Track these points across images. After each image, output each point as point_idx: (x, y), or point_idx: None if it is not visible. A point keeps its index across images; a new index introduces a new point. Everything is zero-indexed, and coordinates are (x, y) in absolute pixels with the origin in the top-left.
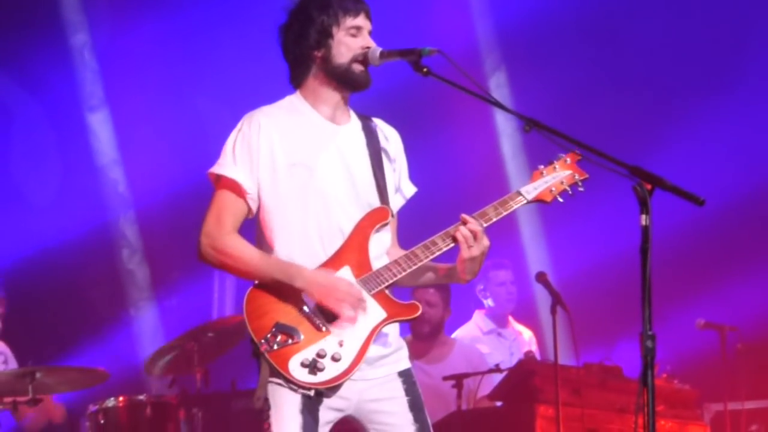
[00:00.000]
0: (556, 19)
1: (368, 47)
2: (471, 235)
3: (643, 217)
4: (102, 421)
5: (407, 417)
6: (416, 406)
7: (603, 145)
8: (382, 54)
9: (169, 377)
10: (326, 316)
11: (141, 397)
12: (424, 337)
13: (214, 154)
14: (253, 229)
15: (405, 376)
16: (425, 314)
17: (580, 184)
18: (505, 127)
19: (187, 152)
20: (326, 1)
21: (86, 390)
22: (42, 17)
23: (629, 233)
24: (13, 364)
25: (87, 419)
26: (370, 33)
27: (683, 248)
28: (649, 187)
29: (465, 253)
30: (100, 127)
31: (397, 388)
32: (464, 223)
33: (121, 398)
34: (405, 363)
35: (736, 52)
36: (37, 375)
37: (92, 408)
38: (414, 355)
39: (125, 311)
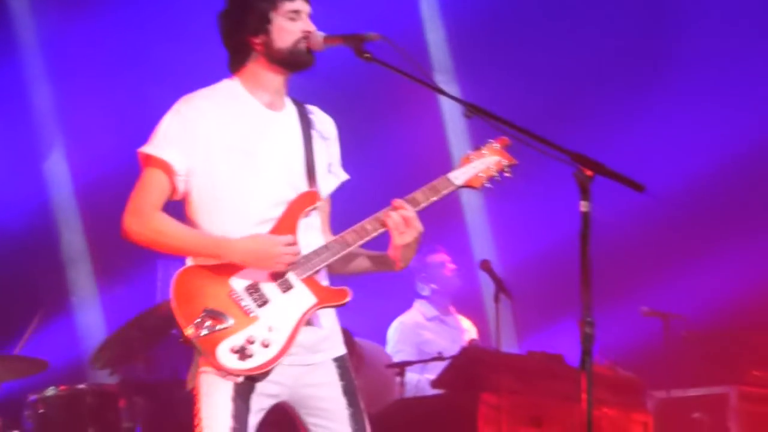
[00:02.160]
0: (500, 8)
1: (309, 31)
2: (402, 220)
3: (583, 203)
4: (42, 410)
5: (341, 401)
6: (350, 391)
7: (546, 133)
8: (325, 38)
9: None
10: (255, 301)
11: (81, 386)
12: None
13: None
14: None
15: (339, 361)
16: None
17: (507, 169)
18: (450, 113)
19: (131, 136)
20: None
21: (26, 379)
22: None
23: (572, 220)
24: None
25: (27, 408)
26: (310, 16)
27: (629, 236)
28: (589, 173)
29: (397, 239)
30: (44, 110)
31: (332, 373)
32: (395, 208)
33: (61, 387)
34: (340, 349)
35: (672, 43)
36: None
37: (32, 397)
38: None
39: (67, 299)
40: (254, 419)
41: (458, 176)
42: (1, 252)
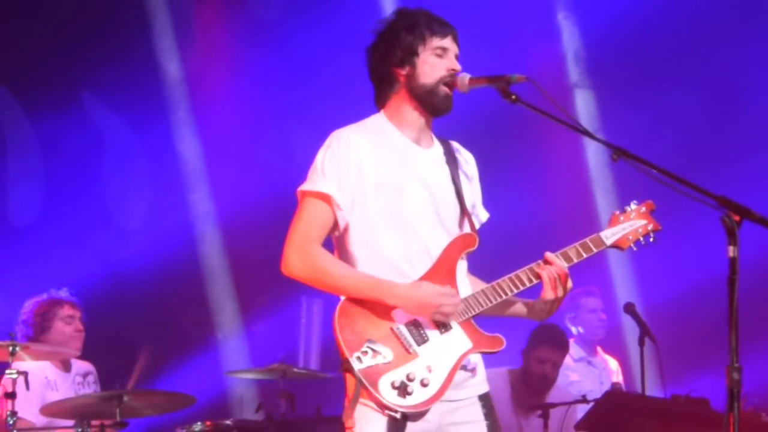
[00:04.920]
0: (647, 45)
1: (455, 70)
2: (557, 276)
3: (731, 248)
4: None
5: None
6: (495, 430)
7: (693, 175)
8: (471, 80)
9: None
10: (415, 338)
11: (227, 422)
12: (531, 389)
13: (302, 178)
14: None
15: (484, 400)
16: (546, 372)
17: (652, 235)
18: (595, 155)
19: (275, 176)
20: (413, 21)
21: (173, 414)
22: (136, 47)
23: (718, 264)
24: (98, 386)
25: None
26: (457, 57)
27: None
28: (737, 218)
29: (549, 294)
30: (190, 152)
31: (477, 411)
32: (548, 262)
33: (207, 423)
34: (485, 386)
35: None
36: (125, 398)
37: None
38: (515, 400)
39: (212, 335)
40: None
41: (608, 236)
42: (148, 288)
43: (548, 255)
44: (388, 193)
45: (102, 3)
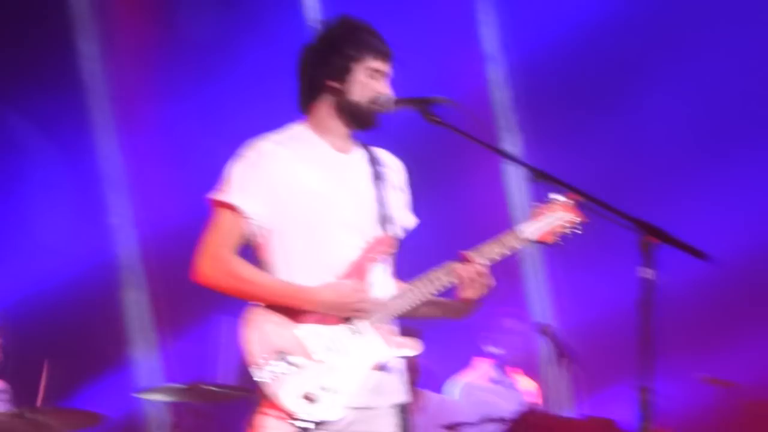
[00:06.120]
0: (570, 72)
1: (381, 93)
2: (475, 274)
3: (646, 270)
4: None
5: None
6: None
7: (611, 199)
8: (396, 101)
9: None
10: (325, 345)
11: None
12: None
13: None
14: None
15: (401, 411)
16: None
17: (578, 227)
18: (515, 178)
19: (198, 196)
20: (356, 37)
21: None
22: (61, 65)
23: (635, 286)
24: (12, 404)
25: None
26: (389, 78)
27: (693, 303)
28: (653, 240)
29: (468, 293)
30: (111, 167)
31: (389, 423)
32: (466, 260)
33: None
34: (402, 395)
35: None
36: (36, 416)
37: None
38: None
39: (127, 353)
40: None
41: (529, 231)
42: (64, 306)
43: (464, 253)
44: (308, 201)
45: (27, 19)
